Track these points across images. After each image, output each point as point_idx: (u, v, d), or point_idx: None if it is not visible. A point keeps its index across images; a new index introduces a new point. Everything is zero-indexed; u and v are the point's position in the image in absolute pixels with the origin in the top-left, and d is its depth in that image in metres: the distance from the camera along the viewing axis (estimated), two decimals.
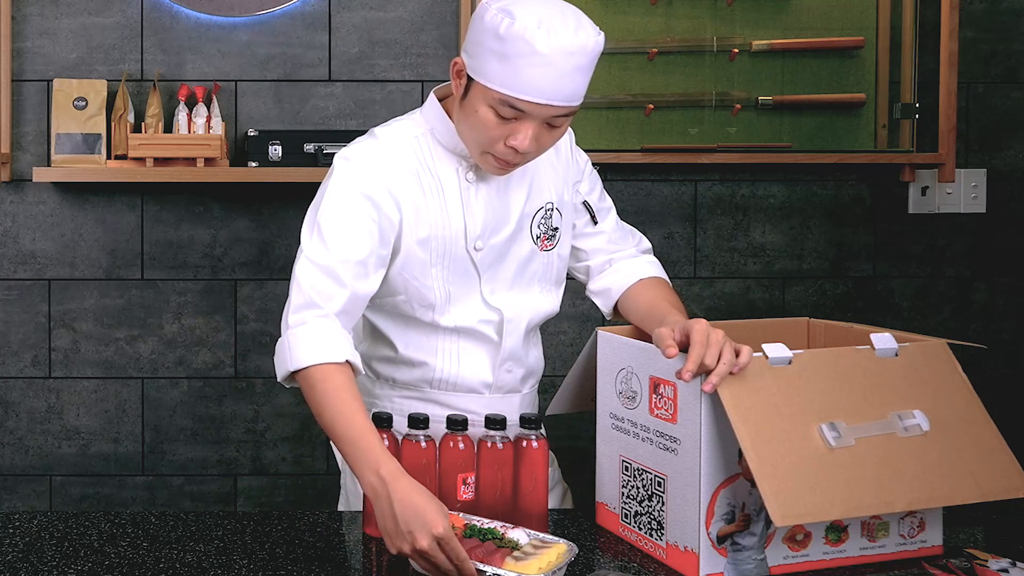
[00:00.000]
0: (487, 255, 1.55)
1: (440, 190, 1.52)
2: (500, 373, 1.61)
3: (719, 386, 1.26)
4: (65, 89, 2.55)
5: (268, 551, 1.40)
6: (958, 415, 1.33)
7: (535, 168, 1.58)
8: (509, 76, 1.36)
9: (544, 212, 1.59)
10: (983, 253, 2.75)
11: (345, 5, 2.66)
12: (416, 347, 1.59)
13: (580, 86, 1.40)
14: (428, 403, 1.61)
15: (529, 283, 1.61)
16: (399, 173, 1.51)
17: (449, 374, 1.59)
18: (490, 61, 1.38)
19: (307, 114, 2.66)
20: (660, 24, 2.65)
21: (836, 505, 1.22)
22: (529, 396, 1.70)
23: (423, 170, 1.52)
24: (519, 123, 1.40)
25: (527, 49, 1.34)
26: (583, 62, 1.37)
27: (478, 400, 1.61)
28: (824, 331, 1.61)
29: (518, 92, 1.37)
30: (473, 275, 1.56)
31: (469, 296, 1.57)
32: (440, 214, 1.52)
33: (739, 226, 2.72)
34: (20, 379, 2.67)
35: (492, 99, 1.39)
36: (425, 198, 1.52)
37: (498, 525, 1.32)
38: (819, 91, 2.67)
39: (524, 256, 1.59)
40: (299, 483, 2.71)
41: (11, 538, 1.44)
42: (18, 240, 2.65)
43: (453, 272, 1.54)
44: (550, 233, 1.60)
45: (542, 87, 1.36)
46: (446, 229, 1.52)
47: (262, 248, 2.66)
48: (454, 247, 1.53)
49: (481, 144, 1.45)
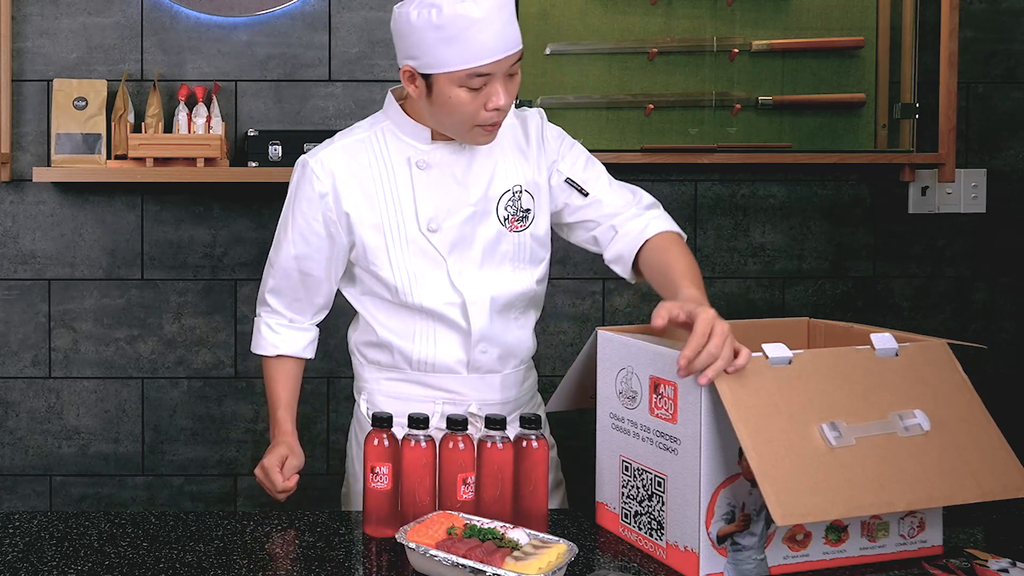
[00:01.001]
0: (446, 236, 1.62)
1: (392, 178, 1.64)
2: (475, 354, 1.66)
3: (718, 383, 1.26)
4: (65, 89, 2.55)
5: (268, 551, 1.40)
6: (959, 415, 1.33)
7: (500, 153, 1.67)
8: (464, 52, 1.48)
9: (512, 195, 1.66)
10: (983, 253, 2.75)
11: (345, 5, 2.66)
12: (393, 331, 1.67)
13: (516, 28, 1.53)
14: (410, 384, 1.68)
15: (500, 263, 1.66)
16: (347, 169, 1.63)
17: (426, 355, 1.67)
18: (440, 50, 1.49)
19: (307, 114, 2.66)
20: (660, 24, 2.65)
21: (837, 505, 1.22)
22: (513, 376, 1.70)
23: (375, 161, 1.64)
24: (489, 87, 1.52)
25: (465, 23, 1.47)
26: (509, 7, 1.52)
27: (455, 380, 1.67)
28: (824, 331, 1.61)
29: (479, 60, 1.49)
30: (436, 257, 1.63)
31: (435, 278, 1.64)
32: (390, 200, 1.63)
33: (739, 226, 2.72)
34: (20, 379, 2.67)
35: (458, 79, 1.51)
36: (376, 187, 1.63)
37: (498, 525, 1.32)
38: (819, 91, 2.67)
39: (491, 237, 1.65)
40: (299, 483, 2.70)
41: (11, 538, 1.44)
42: (18, 240, 2.65)
43: (412, 254, 1.63)
44: (521, 215, 1.67)
45: (494, 45, 1.49)
46: (397, 213, 1.63)
47: (262, 248, 2.66)
48: (407, 229, 1.62)
49: (465, 122, 1.55)
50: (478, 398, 1.67)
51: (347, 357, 1.91)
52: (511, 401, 1.71)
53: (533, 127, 1.71)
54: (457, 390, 1.67)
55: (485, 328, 1.64)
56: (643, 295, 2.67)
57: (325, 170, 1.63)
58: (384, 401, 1.69)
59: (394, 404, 1.67)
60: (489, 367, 1.67)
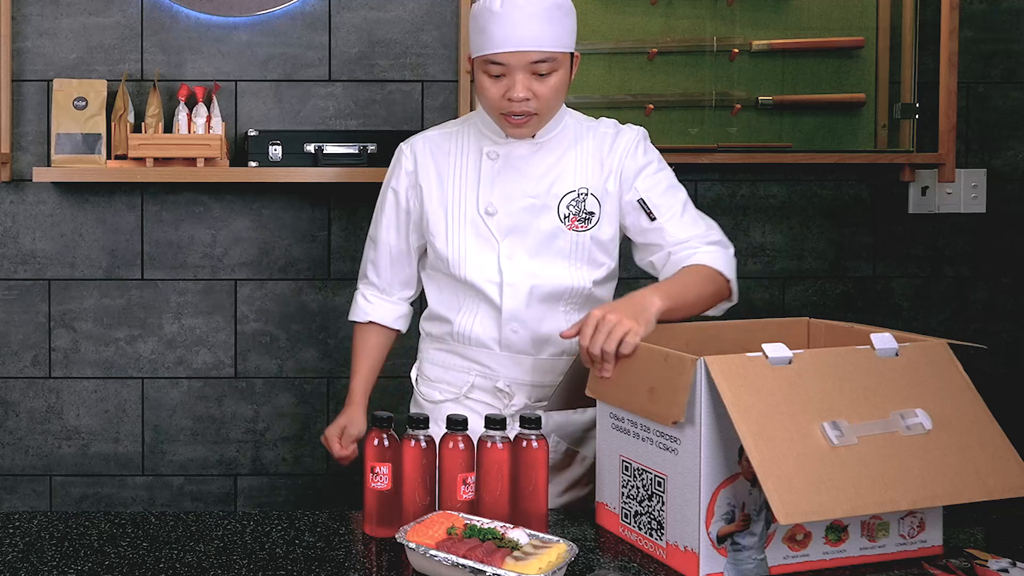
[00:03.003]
0: (502, 221, 1.76)
1: (464, 164, 1.81)
2: (506, 332, 1.77)
3: (719, 383, 1.26)
4: (65, 89, 2.55)
5: (268, 551, 1.40)
6: (960, 414, 1.33)
7: (574, 156, 1.79)
8: (484, 40, 1.68)
9: (576, 195, 1.77)
10: (983, 253, 2.75)
11: (345, 5, 2.65)
12: (443, 303, 1.84)
13: (541, 32, 1.66)
14: (451, 354, 1.83)
15: (555, 257, 1.76)
16: (430, 153, 1.84)
17: (465, 328, 1.80)
18: (475, 36, 1.71)
19: (307, 114, 2.66)
20: (660, 24, 2.65)
21: (840, 503, 1.22)
22: (549, 363, 1.77)
23: (455, 149, 1.83)
24: (508, 78, 1.68)
25: (488, 14, 1.67)
26: (535, 10, 1.65)
27: (489, 355, 1.79)
28: (824, 331, 1.61)
29: (491, 49, 1.67)
30: (490, 238, 1.77)
31: (485, 257, 1.77)
32: (458, 182, 1.80)
33: (739, 226, 2.72)
34: (20, 379, 2.67)
35: (481, 65, 1.70)
36: (449, 170, 1.82)
37: (498, 525, 1.32)
38: (819, 91, 2.67)
39: (547, 231, 1.76)
40: (299, 483, 2.71)
41: (11, 538, 1.44)
42: (18, 240, 2.65)
43: (468, 232, 1.78)
44: (584, 216, 1.76)
45: (503, 37, 1.65)
46: (462, 194, 1.79)
47: (262, 248, 2.66)
48: (467, 209, 1.78)
49: (492, 108, 1.72)
50: (508, 376, 1.78)
51: (347, 357, 1.97)
52: (545, 386, 1.77)
53: (624, 141, 1.79)
54: (490, 365, 1.79)
55: (518, 311, 1.75)
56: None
57: (412, 151, 1.85)
58: (429, 368, 1.87)
59: (435, 371, 1.86)
60: (521, 348, 1.77)
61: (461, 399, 1.82)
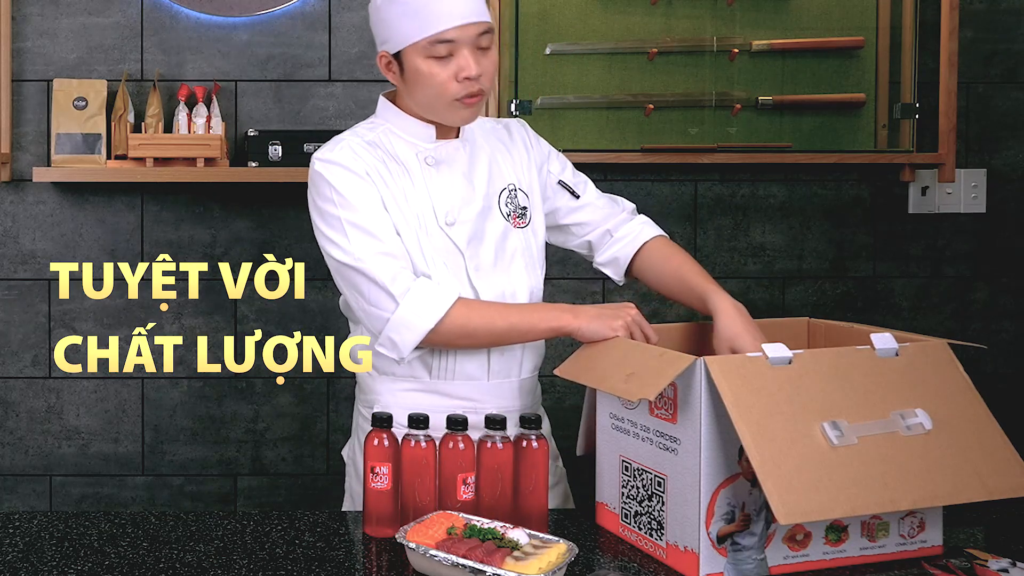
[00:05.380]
0: (462, 231, 1.61)
1: (406, 173, 1.61)
2: (494, 355, 1.63)
3: (719, 383, 1.26)
4: (65, 89, 2.55)
5: (268, 551, 1.40)
6: (960, 414, 1.33)
7: (490, 153, 1.68)
8: (424, 20, 1.51)
9: (508, 192, 1.67)
10: (983, 253, 2.75)
11: (345, 5, 2.65)
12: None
13: (478, 2, 1.55)
14: (428, 393, 1.62)
15: (511, 260, 1.65)
16: (371, 161, 1.60)
17: (445, 360, 1.62)
18: (403, 24, 1.53)
19: (307, 114, 2.66)
20: (660, 24, 2.65)
21: (840, 503, 1.22)
22: (529, 383, 1.70)
23: (388, 159, 1.61)
24: (457, 56, 1.53)
25: None
26: None
27: (475, 387, 1.63)
28: (824, 331, 1.61)
29: (439, 26, 1.51)
30: (456, 253, 1.61)
31: (455, 272, 1.60)
32: (410, 198, 1.60)
33: (739, 226, 2.72)
34: (20, 379, 2.67)
35: (423, 49, 1.53)
36: (396, 183, 1.60)
37: (498, 525, 1.32)
38: (819, 91, 2.67)
39: (500, 232, 1.64)
40: (299, 483, 2.71)
41: (11, 538, 1.44)
42: (18, 240, 2.65)
43: (433, 249, 1.59)
44: (519, 212, 1.68)
45: (448, 12, 1.51)
46: (417, 207, 1.60)
47: (262, 248, 2.66)
48: (428, 223, 1.60)
49: (441, 96, 1.56)
50: (497, 406, 1.62)
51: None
52: (529, 408, 1.69)
53: (516, 130, 1.75)
54: (477, 398, 1.62)
55: None
56: (643, 295, 2.67)
57: (359, 157, 1.58)
58: (401, 414, 1.51)
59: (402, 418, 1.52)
60: (507, 372, 1.65)
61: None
